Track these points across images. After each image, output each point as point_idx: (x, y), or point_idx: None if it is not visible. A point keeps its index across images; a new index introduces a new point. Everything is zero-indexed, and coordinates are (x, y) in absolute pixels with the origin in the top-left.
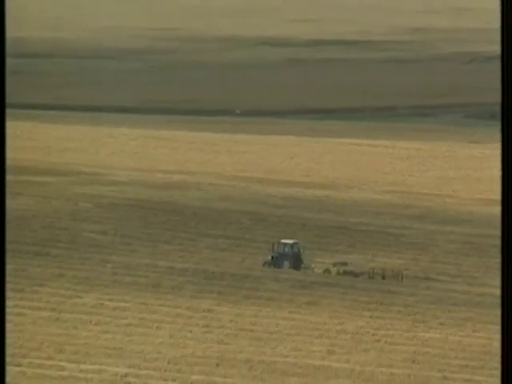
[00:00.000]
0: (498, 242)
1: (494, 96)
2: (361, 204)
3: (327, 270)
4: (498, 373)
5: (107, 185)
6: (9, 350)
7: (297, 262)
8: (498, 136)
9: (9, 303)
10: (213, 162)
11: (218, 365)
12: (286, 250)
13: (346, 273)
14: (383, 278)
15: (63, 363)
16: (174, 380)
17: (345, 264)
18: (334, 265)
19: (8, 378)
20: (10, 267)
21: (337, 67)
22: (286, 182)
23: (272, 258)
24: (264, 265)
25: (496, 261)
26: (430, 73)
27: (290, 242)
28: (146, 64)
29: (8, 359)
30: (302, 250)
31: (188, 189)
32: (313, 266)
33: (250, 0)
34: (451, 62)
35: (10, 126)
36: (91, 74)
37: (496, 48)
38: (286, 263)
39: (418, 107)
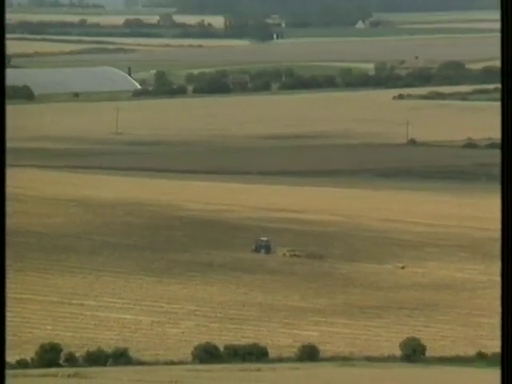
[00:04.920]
0: (390, 241)
1: (389, 163)
2: (321, 221)
3: (284, 254)
4: (392, 309)
5: (184, 211)
6: (130, 299)
7: (268, 249)
8: (391, 185)
9: (134, 273)
10: (238, 198)
11: (244, 305)
12: (263, 243)
13: (294, 255)
14: (314, 258)
15: (162, 304)
16: (220, 313)
17: (293, 250)
18: (288, 251)
19: (129, 316)
20: (134, 254)
21: (311, 149)
22: (279, 209)
23: (255, 247)
24: (251, 251)
25: (389, 249)
26: (356, 151)
27: (264, 239)
28: (205, 148)
29: (130, 306)
30: (271, 244)
31: (225, 213)
32: (277, 252)
33: (262, 114)
34: (367, 146)
35: (136, 181)
36: (176, 155)
37: (390, 140)
38: (262, 250)
39: (350, 170)
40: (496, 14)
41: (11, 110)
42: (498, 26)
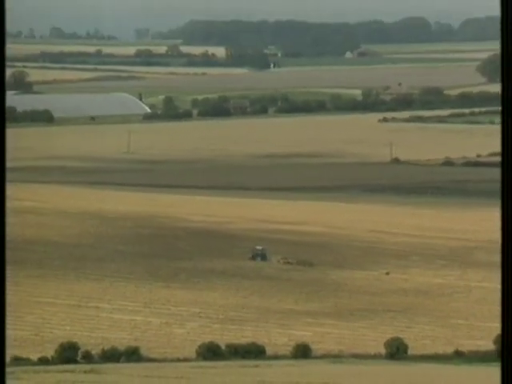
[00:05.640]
0: (376, 250)
1: (375, 180)
2: (314, 232)
3: (279, 261)
4: (378, 311)
5: (189, 222)
6: (140, 303)
7: (264, 257)
8: (376, 199)
9: (144, 279)
10: (238, 211)
11: (243, 307)
12: (259, 252)
13: (286, 263)
14: (304, 265)
15: (170, 307)
16: (222, 314)
17: (286, 258)
18: (282, 258)
19: (140, 318)
20: (144, 262)
21: (304, 167)
22: (276, 221)
23: (252, 255)
24: (249, 259)
25: (375, 257)
26: (345, 169)
27: (260, 247)
28: (208, 166)
29: (140, 309)
30: (266, 252)
31: (226, 224)
32: (272, 259)
33: (260, 136)
34: (355, 164)
35: (145, 195)
36: (182, 172)
37: (375, 159)
38: (258, 258)
39: (340, 186)
40: (471, 46)
41: (33, 131)
42: (472, 56)
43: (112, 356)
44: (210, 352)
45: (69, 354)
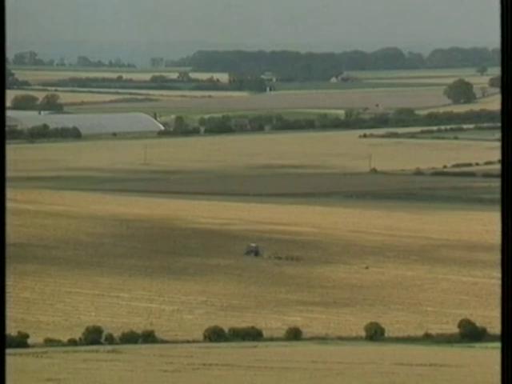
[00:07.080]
0: (356, 247)
1: (356, 187)
2: (303, 232)
3: (269, 257)
4: (358, 300)
5: (197, 223)
6: (155, 292)
7: (257, 253)
8: (357, 204)
9: (158, 272)
10: (238, 214)
11: (243, 297)
12: (252, 248)
13: (277, 258)
14: (292, 259)
15: (180, 296)
16: (225, 302)
17: (276, 253)
18: (272, 254)
19: (154, 305)
20: (158, 257)
21: (295, 177)
22: (271, 222)
23: (247, 252)
24: (244, 254)
25: (356, 254)
26: (330, 178)
27: (254, 244)
28: (213, 175)
29: (155, 298)
30: (259, 248)
31: (228, 225)
32: (264, 255)
33: (257, 149)
34: (338, 174)
35: (159, 201)
36: (191, 180)
37: (356, 170)
38: (252, 254)
39: (325, 193)
40: (438, 73)
41: (63, 146)
42: (440, 81)
43: (131, 338)
44: (215, 335)
45: (94, 336)
